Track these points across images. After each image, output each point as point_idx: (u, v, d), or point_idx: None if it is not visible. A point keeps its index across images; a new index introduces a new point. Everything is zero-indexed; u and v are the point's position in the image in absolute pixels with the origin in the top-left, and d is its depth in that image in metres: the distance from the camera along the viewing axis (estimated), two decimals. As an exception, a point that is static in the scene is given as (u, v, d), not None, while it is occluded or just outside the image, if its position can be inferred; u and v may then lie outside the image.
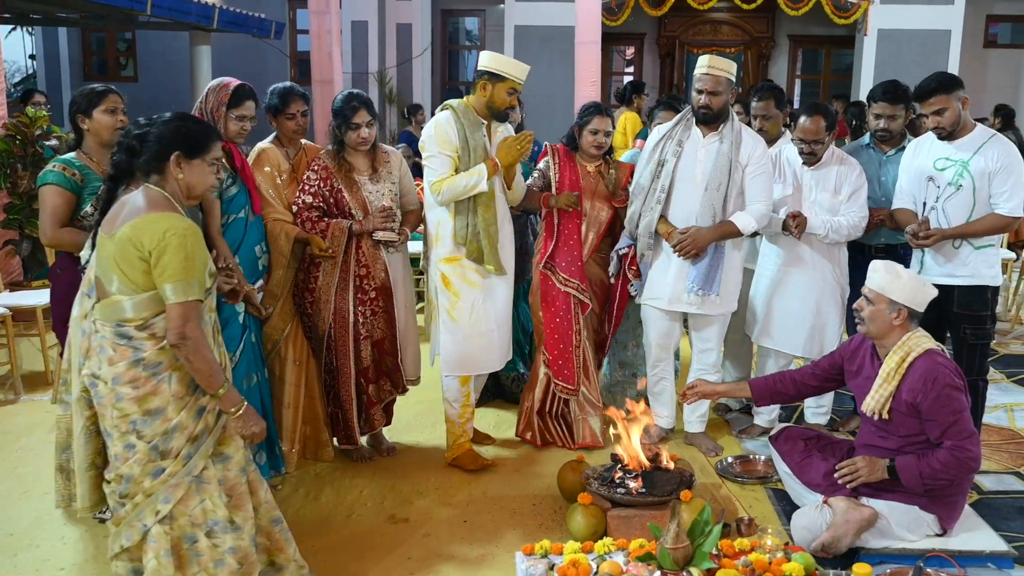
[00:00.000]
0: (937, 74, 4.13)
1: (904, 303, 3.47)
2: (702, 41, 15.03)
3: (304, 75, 13.41)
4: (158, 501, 2.69)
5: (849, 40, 14.07)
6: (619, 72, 15.65)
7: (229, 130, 3.81)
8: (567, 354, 4.50)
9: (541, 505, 3.96)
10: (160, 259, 2.57)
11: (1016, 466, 4.43)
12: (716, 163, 4.24)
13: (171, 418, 2.67)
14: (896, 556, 3.42)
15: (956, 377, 3.42)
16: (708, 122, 4.30)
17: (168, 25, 11.55)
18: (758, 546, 3.32)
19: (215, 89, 3.83)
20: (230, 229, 3.82)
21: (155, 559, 2.70)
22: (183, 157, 2.73)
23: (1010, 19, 14.04)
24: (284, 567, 3.07)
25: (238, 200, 3.85)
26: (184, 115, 2.89)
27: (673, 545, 3.00)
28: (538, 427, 4.59)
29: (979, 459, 3.42)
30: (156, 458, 2.67)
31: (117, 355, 2.64)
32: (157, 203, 2.66)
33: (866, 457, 3.54)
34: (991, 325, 4.24)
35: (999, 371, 6.00)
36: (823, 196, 4.42)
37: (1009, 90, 13.92)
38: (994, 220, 4.07)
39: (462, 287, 4.23)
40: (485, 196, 4.13)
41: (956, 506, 3.53)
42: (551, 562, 3.26)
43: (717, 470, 4.32)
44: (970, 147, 4.08)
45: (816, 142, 4.35)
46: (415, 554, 3.55)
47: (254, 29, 12.15)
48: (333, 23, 10.78)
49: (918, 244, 4.12)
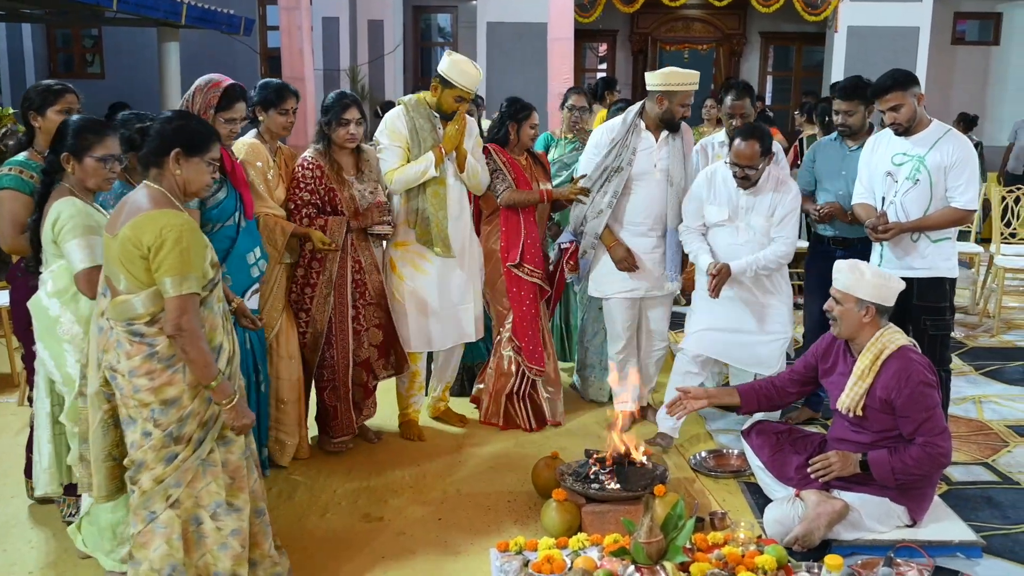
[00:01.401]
0: (893, 71, 4.19)
1: (871, 300, 3.50)
2: (674, 38, 15.06)
3: (275, 72, 13.28)
4: (169, 486, 2.79)
5: (820, 37, 14.15)
6: (592, 69, 15.65)
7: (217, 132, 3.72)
8: (536, 339, 4.72)
9: (516, 502, 3.96)
10: (158, 254, 2.66)
11: (984, 457, 4.49)
12: (674, 159, 4.58)
13: (186, 406, 2.78)
14: (867, 547, 3.46)
15: (929, 374, 3.45)
16: (674, 128, 4.59)
17: (135, 21, 11.36)
18: (731, 539, 3.34)
19: (203, 89, 3.71)
20: (216, 238, 3.57)
21: (165, 543, 2.79)
22: (182, 154, 2.82)
23: (977, 16, 14.18)
24: (259, 563, 3.05)
25: (226, 206, 3.67)
26: (185, 113, 3.03)
27: (646, 539, 3.01)
28: (505, 411, 4.75)
29: (950, 454, 3.46)
30: (170, 444, 2.77)
31: (134, 349, 2.74)
32: (157, 200, 2.76)
33: (839, 452, 3.57)
34: (950, 316, 4.34)
35: (968, 363, 6.07)
36: (757, 220, 4.35)
37: (976, 86, 14.08)
38: (950, 213, 4.16)
39: (406, 271, 4.50)
40: (435, 182, 4.37)
41: (926, 497, 3.57)
42: (525, 558, 3.26)
43: (691, 464, 4.33)
44: (926, 142, 4.16)
45: (750, 167, 4.23)
46: (389, 552, 3.54)
47: (223, 25, 12.00)
48: (303, 19, 10.70)
49: (877, 238, 4.18)
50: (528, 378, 4.76)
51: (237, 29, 12.26)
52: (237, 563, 2.90)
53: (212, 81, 3.73)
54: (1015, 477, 4.25)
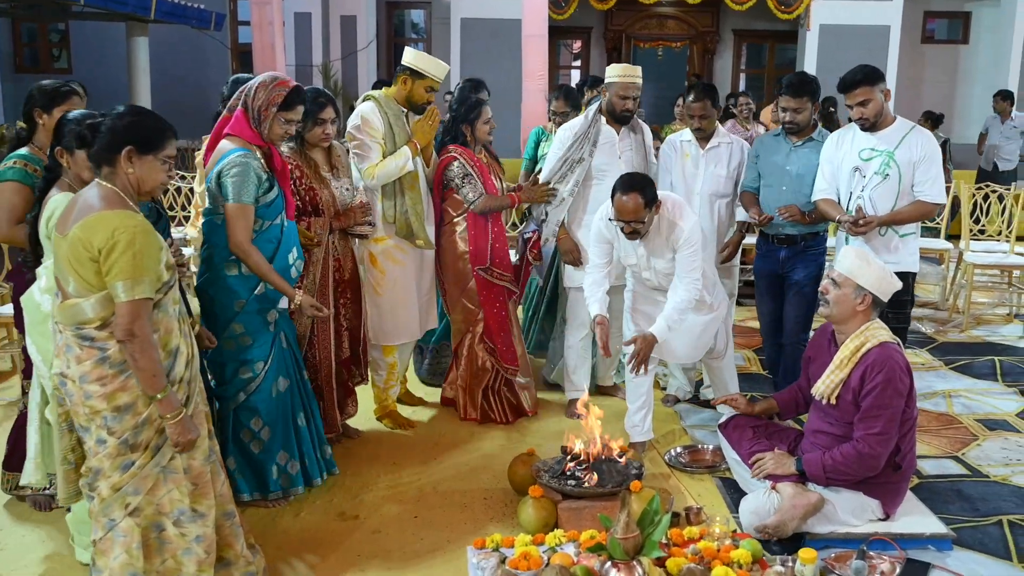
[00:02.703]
0: (861, 67, 4.24)
1: (870, 289, 3.52)
2: (648, 35, 15.11)
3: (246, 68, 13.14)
4: (127, 494, 2.70)
5: (792, 35, 14.27)
6: (566, 66, 15.66)
7: (274, 131, 3.61)
8: (509, 339, 4.82)
9: (492, 499, 3.95)
10: (108, 257, 2.55)
11: (954, 451, 4.54)
12: (637, 152, 4.78)
13: (141, 412, 2.68)
14: (840, 540, 3.49)
15: (904, 375, 3.47)
16: (626, 121, 4.74)
17: (103, 15, 11.20)
18: (707, 534, 3.36)
19: (267, 85, 3.59)
20: (263, 237, 3.57)
21: (125, 553, 2.71)
22: (135, 152, 2.69)
23: (946, 15, 14.36)
24: (232, 563, 3.03)
25: (276, 205, 3.62)
26: (139, 109, 2.86)
27: (623, 535, 3.02)
28: (481, 406, 4.83)
29: (880, 459, 3.46)
30: (126, 451, 2.68)
31: (84, 354, 2.64)
32: (109, 200, 2.64)
33: (777, 452, 3.69)
34: (910, 309, 4.42)
35: (938, 358, 6.14)
36: (658, 263, 4.25)
37: (946, 84, 14.25)
38: (919, 207, 4.25)
39: (387, 264, 4.54)
40: (410, 177, 4.45)
41: (898, 491, 3.61)
42: (502, 555, 3.26)
43: (666, 460, 4.35)
44: (894, 138, 4.23)
45: (636, 221, 4.03)
46: (365, 551, 3.52)
47: (193, 20, 11.87)
48: (275, 14, 10.62)
49: (856, 232, 4.22)
50: (502, 375, 4.84)
51: (207, 24, 12.14)
52: (201, 569, 2.83)
53: (278, 79, 3.62)
54: (984, 470, 4.30)
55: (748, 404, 4.08)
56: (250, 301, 3.60)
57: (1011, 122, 10.77)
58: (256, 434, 3.72)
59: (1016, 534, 3.66)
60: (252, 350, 3.64)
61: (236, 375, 3.65)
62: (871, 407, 3.43)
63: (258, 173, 3.51)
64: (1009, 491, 4.08)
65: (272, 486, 3.78)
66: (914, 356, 6.07)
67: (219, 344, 3.55)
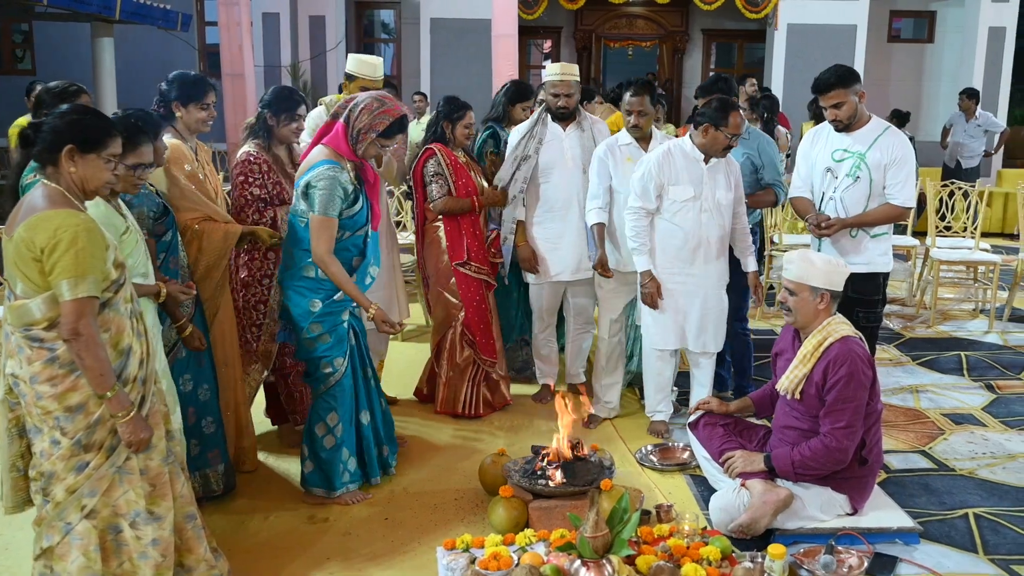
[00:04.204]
0: (835, 68, 4.22)
1: (824, 287, 3.55)
2: (618, 35, 15.17)
3: (214, 68, 13.05)
4: (83, 496, 2.68)
5: (760, 34, 14.36)
6: (536, 66, 15.66)
7: (368, 152, 3.73)
8: (488, 332, 4.90)
9: (463, 500, 3.94)
10: (51, 256, 2.53)
11: (921, 445, 4.58)
12: (585, 147, 4.84)
13: (92, 412, 2.65)
14: (809, 536, 3.51)
15: (866, 368, 3.49)
16: (567, 118, 4.87)
17: (67, 16, 11.05)
18: (677, 531, 3.36)
19: (373, 111, 3.66)
20: (343, 245, 3.73)
21: (83, 556, 2.68)
22: (76, 151, 2.66)
23: (912, 14, 14.49)
24: (193, 568, 2.98)
25: (359, 218, 3.75)
26: (82, 108, 2.83)
27: (592, 534, 3.02)
28: (461, 399, 4.90)
29: (848, 452, 3.48)
30: (79, 452, 2.66)
31: (34, 355, 2.63)
32: (53, 200, 2.61)
33: (744, 451, 3.71)
34: (881, 308, 4.42)
35: (905, 354, 6.20)
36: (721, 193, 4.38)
37: (912, 83, 14.38)
38: (889, 210, 4.24)
39: None
40: None
41: (866, 486, 3.64)
42: (473, 556, 3.25)
43: (637, 458, 4.36)
44: (866, 140, 4.21)
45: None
46: (335, 553, 3.50)
47: (159, 20, 11.72)
48: (243, 15, 10.51)
49: (820, 234, 4.24)
50: (481, 368, 4.90)
51: (174, 25, 12.00)
52: (159, 573, 2.80)
53: (384, 107, 3.68)
54: (951, 464, 4.35)
55: (721, 404, 4.09)
56: (326, 304, 3.74)
57: (975, 120, 10.90)
58: (331, 429, 3.83)
59: (982, 527, 3.71)
60: (332, 348, 3.78)
61: (319, 370, 3.79)
62: (836, 401, 3.45)
63: (344, 187, 3.65)
64: (975, 484, 4.13)
65: (338, 484, 3.87)
66: (881, 352, 6.12)
67: (301, 343, 3.79)
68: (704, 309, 4.44)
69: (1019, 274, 7.14)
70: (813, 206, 4.37)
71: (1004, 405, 5.21)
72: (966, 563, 3.45)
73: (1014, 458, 4.43)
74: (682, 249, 4.38)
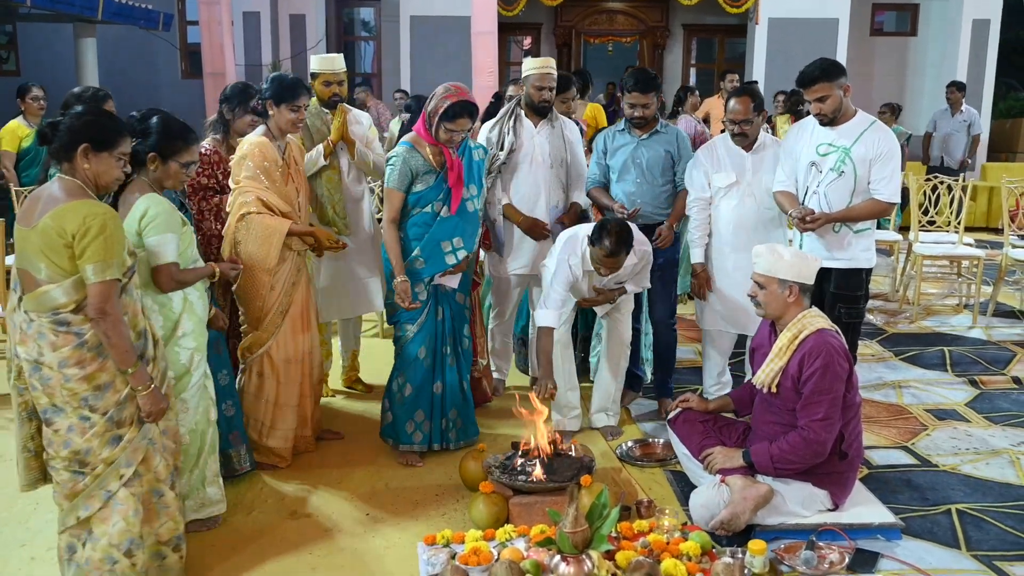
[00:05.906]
0: (820, 61, 4.19)
1: (792, 279, 3.54)
2: (598, 31, 15.18)
3: (195, 67, 12.98)
4: (121, 466, 2.92)
5: (741, 29, 14.38)
6: (516, 62, 15.65)
7: (439, 135, 4.01)
8: (471, 327, 4.75)
9: (443, 496, 3.93)
10: (81, 241, 2.74)
11: (904, 441, 4.58)
12: (554, 144, 4.88)
13: (120, 389, 2.89)
14: (790, 532, 3.49)
15: (842, 360, 3.48)
16: (545, 114, 4.89)
17: (50, 17, 11.05)
18: (656, 527, 3.35)
19: (438, 96, 3.99)
20: (415, 219, 4.10)
21: (123, 520, 2.94)
22: (91, 149, 2.86)
23: (895, 7, 14.54)
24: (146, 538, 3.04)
25: (425, 196, 4.08)
26: (96, 110, 3.14)
27: (571, 529, 3.00)
28: None
29: (826, 445, 3.47)
30: (112, 427, 2.89)
31: (60, 340, 2.81)
32: (73, 192, 2.82)
33: (723, 448, 3.71)
34: (864, 304, 4.40)
35: (888, 349, 6.21)
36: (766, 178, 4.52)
37: (895, 77, 14.43)
38: (873, 205, 4.21)
39: None
40: (329, 169, 4.74)
41: (847, 481, 3.62)
42: (453, 551, 3.24)
43: (617, 454, 4.34)
44: (851, 134, 4.19)
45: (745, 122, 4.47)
46: (317, 549, 3.48)
47: (141, 20, 11.72)
48: (224, 14, 10.51)
49: (804, 228, 4.22)
50: None
51: (156, 24, 11.99)
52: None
53: (448, 91, 3.98)
54: (934, 460, 4.34)
55: (701, 401, 4.08)
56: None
57: (960, 116, 10.90)
58: (400, 388, 4.22)
59: (964, 522, 3.70)
60: (402, 312, 4.17)
61: (396, 331, 4.26)
62: (812, 393, 3.44)
63: (413, 168, 4.06)
64: (958, 480, 4.12)
65: (403, 439, 4.24)
66: (864, 347, 6.12)
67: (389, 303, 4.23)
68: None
69: (1003, 269, 7.16)
70: (796, 199, 4.35)
71: (988, 401, 5.22)
72: (948, 559, 3.43)
73: (997, 454, 4.43)
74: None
